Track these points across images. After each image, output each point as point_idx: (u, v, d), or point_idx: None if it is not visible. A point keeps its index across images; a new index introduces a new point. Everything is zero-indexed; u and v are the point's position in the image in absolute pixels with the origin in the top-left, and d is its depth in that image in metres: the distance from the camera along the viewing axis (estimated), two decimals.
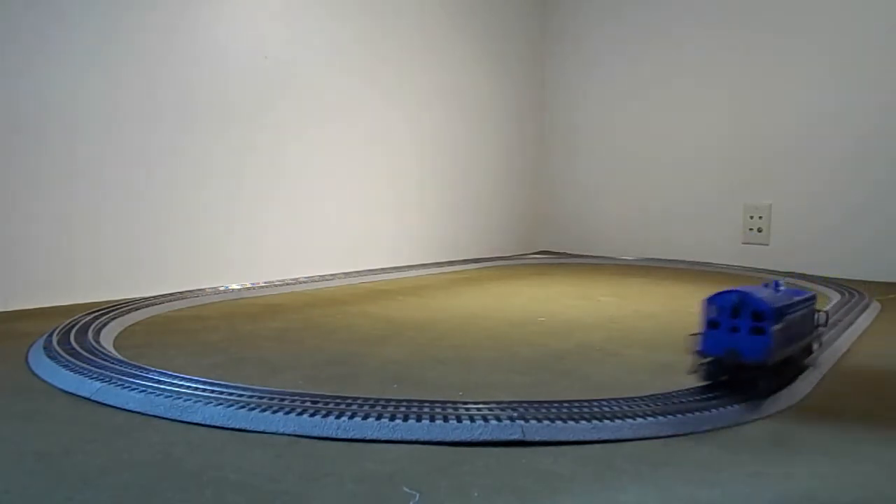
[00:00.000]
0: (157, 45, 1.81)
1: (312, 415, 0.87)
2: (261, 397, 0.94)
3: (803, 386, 1.07)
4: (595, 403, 0.93)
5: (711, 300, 0.99)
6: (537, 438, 0.84)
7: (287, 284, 2.00)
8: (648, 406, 0.93)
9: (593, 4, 2.95)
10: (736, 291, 0.98)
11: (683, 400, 0.97)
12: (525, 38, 2.99)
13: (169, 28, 1.83)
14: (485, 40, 2.79)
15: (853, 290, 1.98)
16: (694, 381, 1.00)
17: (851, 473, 0.78)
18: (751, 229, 2.56)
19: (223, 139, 1.96)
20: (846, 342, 1.39)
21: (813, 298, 1.14)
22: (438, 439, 0.83)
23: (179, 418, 0.90)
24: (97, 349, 1.20)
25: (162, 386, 0.98)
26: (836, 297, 1.89)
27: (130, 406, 0.94)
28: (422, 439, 0.84)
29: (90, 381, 1.01)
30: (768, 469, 0.78)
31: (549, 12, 3.05)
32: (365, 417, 0.86)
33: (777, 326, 0.95)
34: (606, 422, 0.88)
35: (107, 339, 1.30)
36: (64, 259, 1.67)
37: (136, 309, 1.57)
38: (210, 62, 1.92)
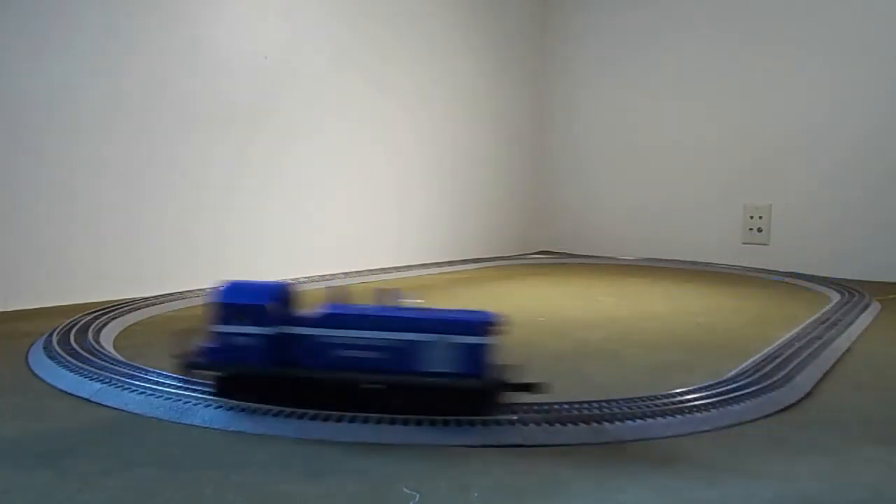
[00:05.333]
0: (157, 47, 1.81)
1: (312, 418, 0.87)
2: None
3: (803, 385, 1.07)
4: (595, 404, 0.93)
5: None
6: (537, 442, 0.84)
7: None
8: (648, 406, 0.93)
9: (595, 3, 2.94)
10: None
11: (683, 400, 0.97)
12: (525, 37, 2.99)
13: (169, 29, 1.83)
14: (486, 40, 2.78)
15: (853, 290, 1.98)
16: (695, 381, 1.00)
17: (851, 473, 0.78)
18: (751, 229, 2.56)
19: (223, 139, 1.96)
20: (846, 342, 1.39)
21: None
22: (438, 443, 0.83)
23: (179, 420, 0.89)
24: (97, 349, 1.20)
25: (161, 387, 0.98)
26: (836, 297, 1.89)
27: (130, 407, 0.93)
28: (421, 443, 0.83)
29: (90, 381, 1.01)
30: (768, 469, 0.78)
31: (550, 11, 3.05)
32: (365, 421, 0.86)
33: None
34: (606, 423, 0.88)
35: (107, 339, 1.30)
36: (64, 259, 1.67)
37: (136, 309, 1.57)
38: (210, 63, 1.92)
